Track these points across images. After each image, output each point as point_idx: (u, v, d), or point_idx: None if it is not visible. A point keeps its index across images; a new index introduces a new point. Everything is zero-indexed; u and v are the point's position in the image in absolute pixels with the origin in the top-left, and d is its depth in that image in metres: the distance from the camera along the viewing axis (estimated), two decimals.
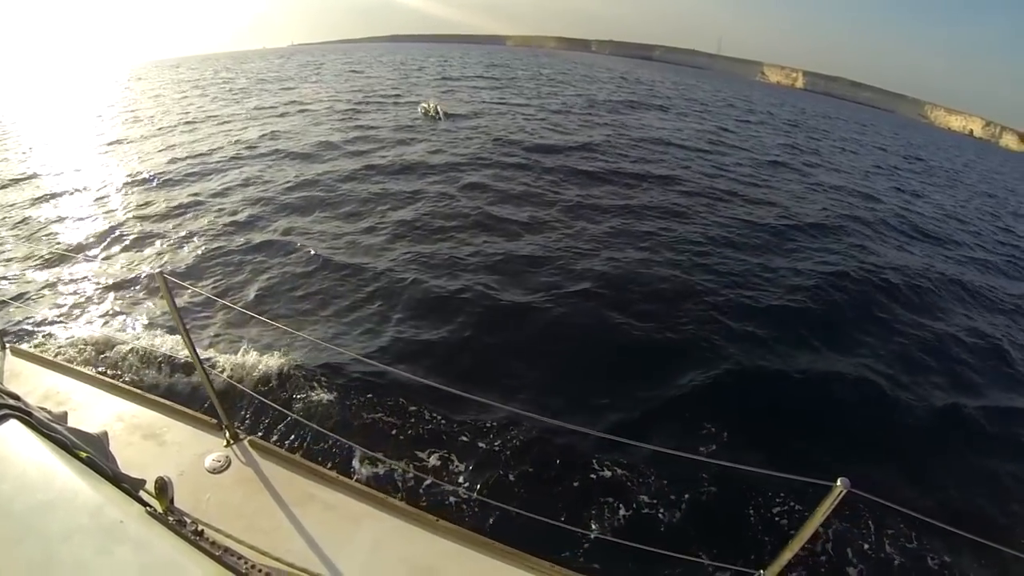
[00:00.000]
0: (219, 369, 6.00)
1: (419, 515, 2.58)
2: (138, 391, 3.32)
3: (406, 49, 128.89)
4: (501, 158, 15.57)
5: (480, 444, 5.24)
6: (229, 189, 12.81)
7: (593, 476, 4.98)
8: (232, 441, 2.92)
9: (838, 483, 1.73)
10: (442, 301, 7.70)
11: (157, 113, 25.78)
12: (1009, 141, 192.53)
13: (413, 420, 5.46)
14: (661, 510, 4.70)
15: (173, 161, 15.43)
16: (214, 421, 3.02)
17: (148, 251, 9.82)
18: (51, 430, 1.83)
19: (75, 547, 1.43)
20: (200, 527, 1.93)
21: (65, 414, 2.18)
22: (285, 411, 4.79)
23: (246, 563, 1.94)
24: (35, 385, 3.32)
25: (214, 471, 2.76)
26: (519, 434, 5.33)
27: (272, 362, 6.16)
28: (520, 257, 9.05)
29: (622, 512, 4.66)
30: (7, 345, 3.70)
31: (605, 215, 11.60)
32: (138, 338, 6.76)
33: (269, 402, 4.98)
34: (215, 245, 9.82)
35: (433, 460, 5.06)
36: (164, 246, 9.98)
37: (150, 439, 2.94)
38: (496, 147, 16.92)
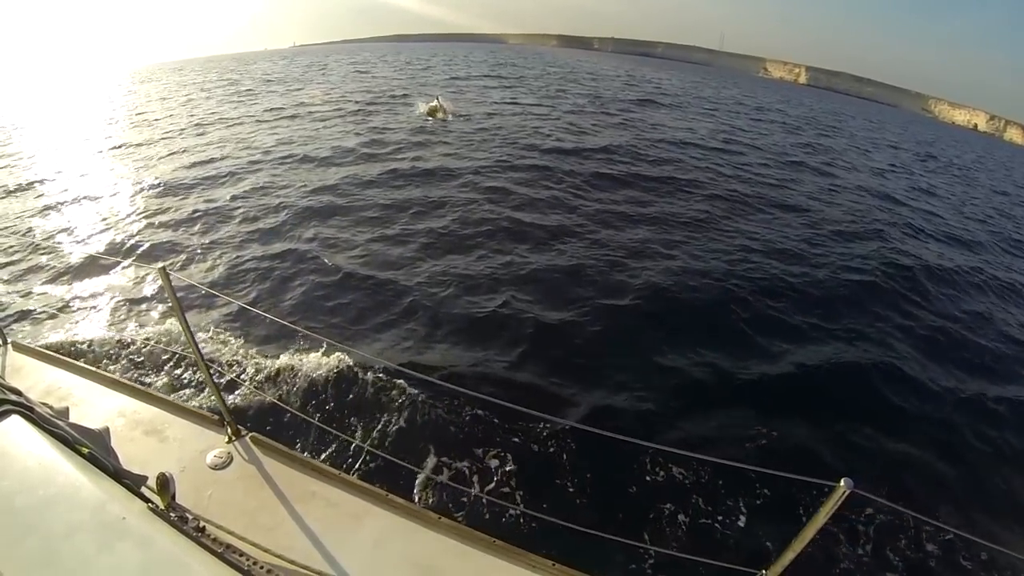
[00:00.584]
0: (221, 365, 6.02)
1: (421, 512, 2.58)
2: (139, 387, 3.31)
3: (409, 49, 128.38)
4: (520, 161, 15.31)
5: (478, 440, 5.24)
6: (244, 194, 12.65)
7: (591, 474, 4.98)
8: (234, 437, 2.92)
9: (841, 483, 1.72)
10: (473, 313, 7.55)
11: (165, 116, 25.63)
12: (1014, 135, 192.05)
13: (415, 417, 5.44)
14: (662, 508, 4.71)
15: (184, 167, 15.26)
16: (216, 417, 3.01)
17: (152, 249, 9.92)
18: (53, 426, 1.84)
19: (77, 543, 1.44)
20: (202, 524, 1.91)
21: (67, 410, 2.20)
22: (287, 407, 4.76)
23: (248, 560, 1.94)
24: (36, 380, 3.31)
25: (216, 467, 2.76)
26: (518, 430, 5.32)
27: (274, 358, 6.15)
28: (552, 268, 8.86)
29: (623, 510, 4.68)
30: (8, 340, 3.71)
31: (631, 222, 11.37)
32: (140, 334, 6.77)
33: (271, 398, 5.10)
34: (225, 247, 9.82)
35: (435, 457, 5.04)
36: (169, 245, 10.05)
37: (151, 435, 2.94)
38: (514, 150, 16.66)
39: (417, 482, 4.70)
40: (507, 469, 4.97)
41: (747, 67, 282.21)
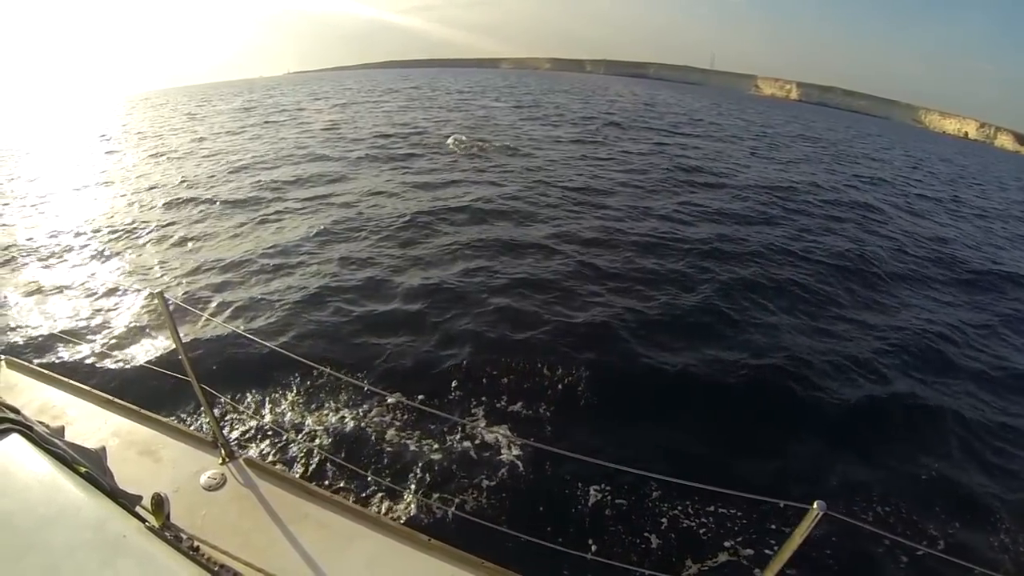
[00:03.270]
0: (215, 388, 6.02)
1: (411, 534, 2.58)
2: (134, 407, 3.32)
3: (407, 75, 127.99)
4: (607, 223, 13.26)
5: (471, 465, 5.33)
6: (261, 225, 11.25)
7: (578, 499, 5.05)
8: (227, 459, 2.93)
9: (815, 506, 1.74)
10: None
11: (190, 154, 23.29)
12: (1004, 141, 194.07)
13: (407, 442, 5.52)
14: (640, 531, 4.78)
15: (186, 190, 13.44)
16: (209, 439, 3.04)
17: (150, 271, 10.13)
18: (52, 445, 1.85)
19: (79, 561, 1.45)
20: (196, 543, 1.96)
21: (62, 428, 2.32)
22: (280, 430, 4.89)
23: None
24: (30, 398, 3.32)
25: (209, 488, 2.77)
26: (509, 457, 5.43)
27: (268, 382, 6.35)
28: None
29: (604, 533, 4.74)
30: (2, 357, 3.70)
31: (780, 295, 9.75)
32: (135, 355, 6.95)
33: (264, 421, 5.29)
34: (227, 275, 9.81)
35: (427, 479, 5.11)
36: (168, 269, 10.20)
37: (146, 456, 2.96)
38: (591, 210, 14.51)
39: (408, 504, 4.76)
40: (499, 492, 5.02)
41: (739, 85, 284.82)
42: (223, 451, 2.95)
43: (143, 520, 1.70)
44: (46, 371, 3.67)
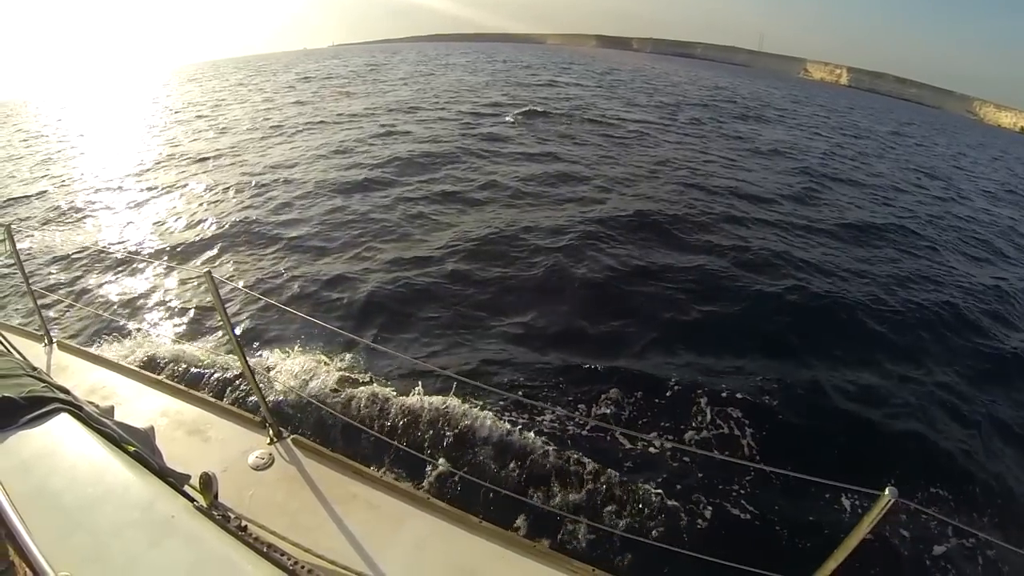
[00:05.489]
0: (263, 367, 5.91)
1: (461, 515, 2.53)
2: (182, 388, 3.34)
3: (457, 49, 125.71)
4: (758, 235, 12.11)
5: (522, 444, 5.10)
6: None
7: (630, 479, 4.82)
8: (275, 439, 2.90)
9: (886, 492, 1.65)
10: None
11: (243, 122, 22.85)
12: None
13: (457, 421, 5.31)
14: (702, 514, 4.57)
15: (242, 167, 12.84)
16: (258, 419, 3.01)
17: (201, 252, 10.02)
18: (101, 424, 1.85)
19: (127, 540, 1.43)
20: (243, 523, 1.83)
21: (112, 408, 2.21)
22: (329, 410, 4.83)
23: (289, 559, 1.83)
24: (81, 379, 3.31)
25: (257, 468, 2.73)
26: (563, 438, 5.26)
27: (317, 362, 6.17)
28: None
29: (663, 515, 4.51)
30: (54, 339, 3.71)
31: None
32: (184, 336, 6.88)
33: (313, 401, 5.18)
34: (274, 256, 9.63)
35: (477, 461, 4.94)
36: (216, 250, 10.09)
37: (194, 435, 2.94)
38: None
39: (458, 485, 4.59)
40: (552, 475, 4.82)
41: (788, 68, 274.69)
42: (271, 431, 2.92)
43: (191, 499, 1.70)
44: (96, 352, 3.71)
